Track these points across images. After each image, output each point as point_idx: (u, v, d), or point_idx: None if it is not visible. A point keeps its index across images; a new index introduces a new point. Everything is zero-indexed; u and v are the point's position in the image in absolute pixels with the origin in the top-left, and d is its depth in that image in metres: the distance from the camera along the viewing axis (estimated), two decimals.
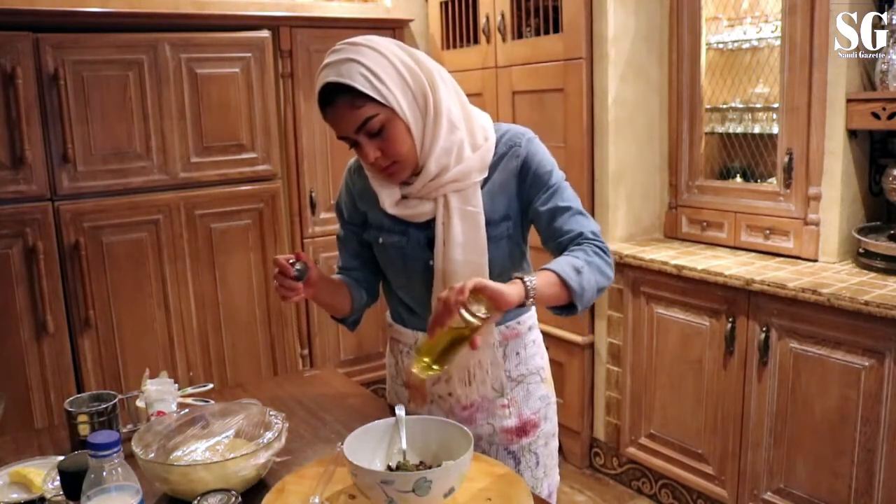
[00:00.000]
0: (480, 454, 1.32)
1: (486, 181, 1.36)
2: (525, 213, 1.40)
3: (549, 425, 1.53)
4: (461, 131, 1.33)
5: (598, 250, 1.31)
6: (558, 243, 1.34)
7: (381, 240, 1.43)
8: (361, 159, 1.34)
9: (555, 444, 1.55)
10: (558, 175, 1.38)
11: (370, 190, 1.41)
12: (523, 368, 1.47)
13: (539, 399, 1.50)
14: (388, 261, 1.45)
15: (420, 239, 1.39)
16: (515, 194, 1.38)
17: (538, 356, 1.51)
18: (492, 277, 1.32)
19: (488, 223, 1.35)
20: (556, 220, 1.34)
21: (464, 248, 1.34)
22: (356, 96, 1.24)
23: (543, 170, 1.37)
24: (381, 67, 1.25)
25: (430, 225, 1.37)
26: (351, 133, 1.28)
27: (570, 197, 1.37)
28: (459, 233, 1.33)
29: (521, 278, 1.19)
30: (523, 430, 1.48)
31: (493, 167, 1.37)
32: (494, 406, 1.46)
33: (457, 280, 1.27)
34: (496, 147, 1.37)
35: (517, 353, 1.47)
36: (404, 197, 1.36)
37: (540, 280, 1.20)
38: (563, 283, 1.23)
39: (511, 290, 1.16)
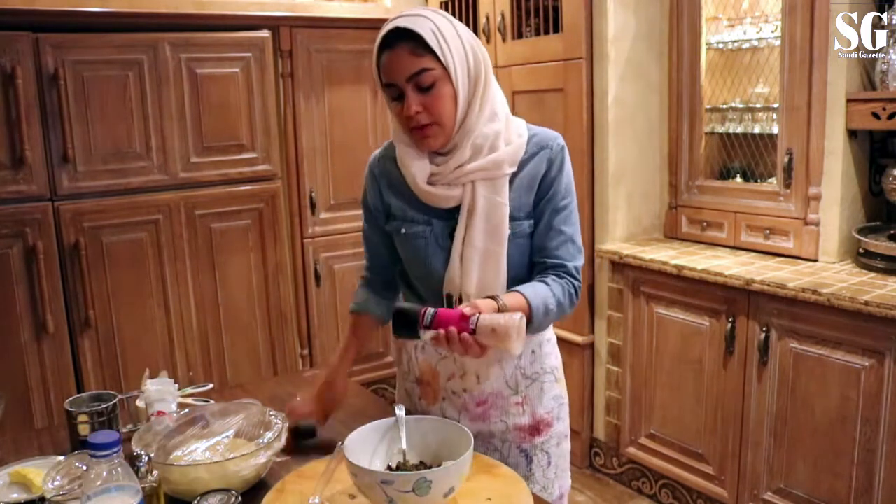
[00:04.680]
0: (481, 454, 1.32)
1: (515, 176, 1.39)
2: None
3: (562, 426, 1.53)
4: (500, 123, 1.39)
5: (572, 291, 1.40)
6: (542, 262, 1.41)
7: (403, 230, 1.44)
8: (400, 115, 1.34)
9: (567, 445, 1.54)
10: (573, 193, 1.43)
11: (397, 175, 1.43)
12: (538, 366, 1.48)
13: (553, 399, 1.50)
14: (410, 252, 1.46)
15: (444, 229, 1.41)
16: (536, 193, 1.41)
17: (553, 356, 1.52)
18: (508, 275, 1.39)
19: (512, 218, 1.38)
20: (552, 239, 1.40)
21: (485, 235, 1.37)
22: (419, 45, 1.29)
23: (564, 182, 1.42)
24: (449, 34, 1.32)
25: (454, 215, 1.39)
26: (401, 80, 1.31)
27: (574, 221, 1.43)
28: (483, 220, 1.36)
29: (496, 298, 1.28)
30: (536, 428, 1.47)
31: (524, 164, 1.40)
32: (508, 403, 1.45)
33: (472, 265, 1.36)
34: (527, 146, 1.41)
35: (532, 351, 1.47)
36: (431, 181, 1.38)
37: (510, 303, 1.29)
38: (530, 314, 1.32)
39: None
